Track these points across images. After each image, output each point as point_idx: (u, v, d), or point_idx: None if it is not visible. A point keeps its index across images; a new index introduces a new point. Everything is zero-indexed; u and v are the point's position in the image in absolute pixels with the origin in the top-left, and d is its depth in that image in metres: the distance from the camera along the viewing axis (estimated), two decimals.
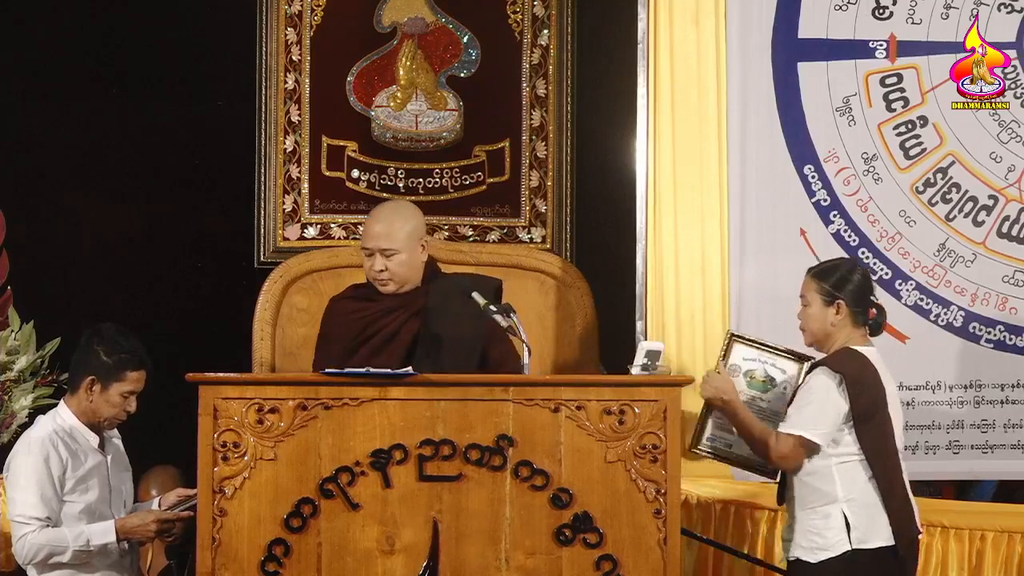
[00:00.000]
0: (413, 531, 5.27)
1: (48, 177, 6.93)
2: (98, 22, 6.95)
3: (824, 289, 5.44)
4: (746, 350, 5.65)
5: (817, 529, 5.36)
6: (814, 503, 5.38)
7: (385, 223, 5.78)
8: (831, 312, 5.43)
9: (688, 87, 6.40)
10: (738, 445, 5.59)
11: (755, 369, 5.64)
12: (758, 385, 5.61)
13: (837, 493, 5.36)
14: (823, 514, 5.36)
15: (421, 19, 7.09)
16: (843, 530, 5.34)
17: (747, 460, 5.62)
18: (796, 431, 5.36)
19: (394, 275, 5.76)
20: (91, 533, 5.39)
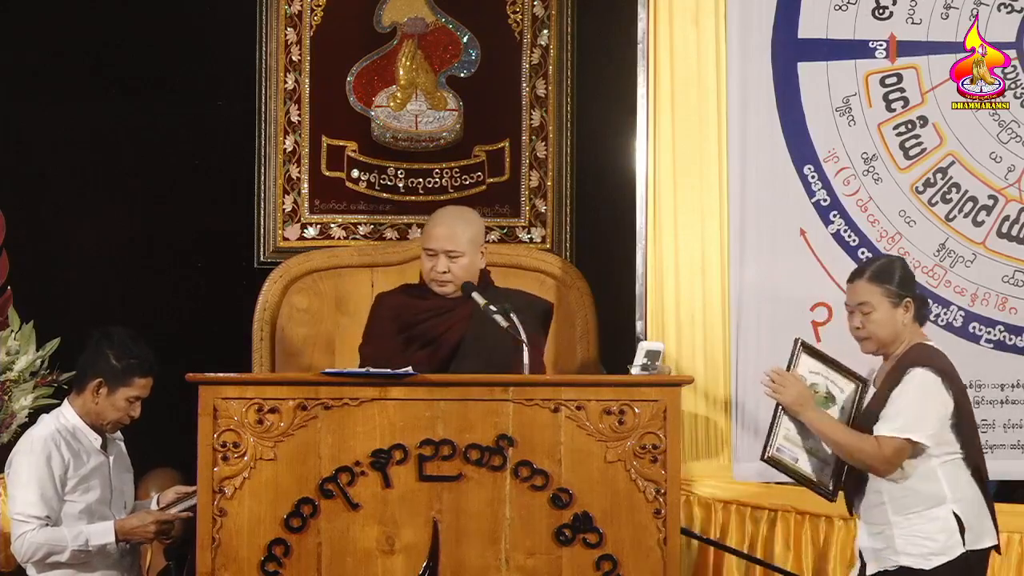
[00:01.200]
0: (413, 531, 5.27)
1: (48, 177, 6.93)
2: (98, 22, 6.95)
3: (890, 291, 5.30)
4: (812, 362, 5.43)
5: (927, 534, 5.20)
6: (918, 507, 5.21)
7: (451, 226, 5.80)
8: (900, 313, 5.31)
9: (688, 87, 6.40)
10: (804, 460, 5.37)
11: (818, 384, 5.41)
12: (820, 401, 5.37)
13: (945, 494, 5.22)
14: (930, 517, 5.21)
15: (421, 19, 7.09)
16: (956, 532, 5.20)
17: (809, 477, 5.38)
18: (903, 434, 5.17)
19: (456, 277, 5.78)
20: (90, 533, 5.40)
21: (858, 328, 5.32)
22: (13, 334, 6.61)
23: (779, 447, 5.34)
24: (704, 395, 6.30)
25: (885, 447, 5.17)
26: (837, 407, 5.36)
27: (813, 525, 6.26)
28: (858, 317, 5.32)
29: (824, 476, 5.35)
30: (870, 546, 5.30)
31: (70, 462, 5.43)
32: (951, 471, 5.23)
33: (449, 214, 5.95)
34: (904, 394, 5.20)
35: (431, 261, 5.80)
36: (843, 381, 5.39)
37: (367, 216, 7.03)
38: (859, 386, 5.38)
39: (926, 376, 5.20)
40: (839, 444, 5.26)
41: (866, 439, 5.21)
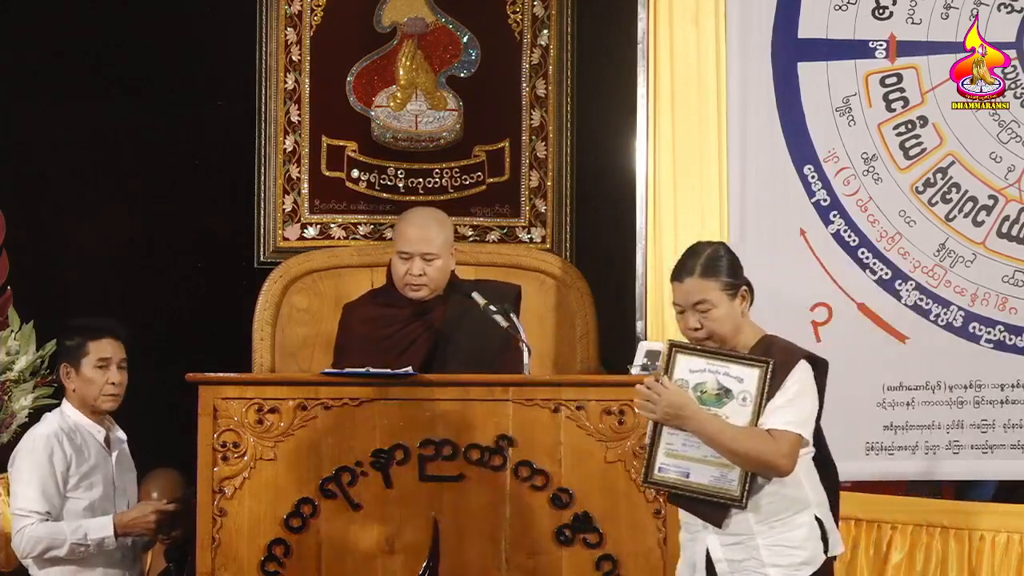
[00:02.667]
0: (413, 531, 5.27)
1: (48, 177, 6.93)
2: (98, 22, 6.95)
3: (725, 283, 4.80)
4: (693, 360, 4.76)
5: (794, 542, 4.70)
6: (783, 513, 4.71)
7: (425, 228, 5.80)
8: (737, 303, 4.81)
9: (688, 87, 6.40)
10: (696, 472, 4.70)
11: (706, 381, 4.74)
12: (711, 400, 4.72)
13: (808, 497, 4.74)
14: (795, 524, 4.71)
15: (421, 19, 7.09)
16: (819, 539, 4.73)
17: (708, 490, 4.70)
18: (796, 428, 4.68)
19: (431, 280, 5.78)
20: (89, 527, 5.40)
21: (696, 328, 4.77)
22: (13, 334, 6.62)
23: (661, 467, 4.72)
24: None
25: (782, 441, 4.65)
26: (736, 400, 4.72)
27: None
28: (694, 317, 4.77)
29: (727, 483, 4.68)
30: (726, 558, 4.72)
31: (72, 459, 5.44)
32: (809, 471, 4.78)
33: (422, 216, 5.94)
34: (792, 385, 4.70)
35: (406, 264, 5.79)
36: (739, 369, 4.73)
37: (367, 216, 7.03)
38: (764, 368, 4.71)
39: (808, 370, 4.75)
40: (729, 448, 4.64)
41: (758, 435, 4.65)
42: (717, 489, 4.68)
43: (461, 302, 5.75)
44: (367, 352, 5.72)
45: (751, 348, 4.78)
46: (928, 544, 6.21)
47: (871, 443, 6.37)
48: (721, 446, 4.65)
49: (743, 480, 4.66)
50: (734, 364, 4.74)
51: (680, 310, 4.81)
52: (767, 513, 4.70)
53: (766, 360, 4.71)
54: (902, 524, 6.23)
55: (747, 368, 4.73)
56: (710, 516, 4.71)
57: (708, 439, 4.66)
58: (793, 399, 4.70)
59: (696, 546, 4.76)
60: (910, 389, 6.39)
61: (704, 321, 4.77)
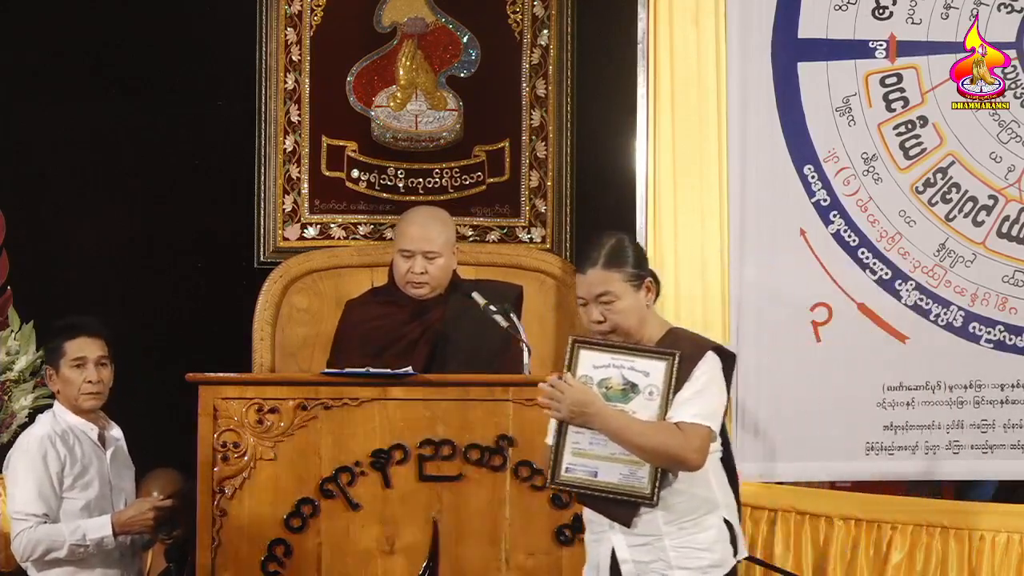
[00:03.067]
0: (413, 531, 5.27)
1: (48, 177, 6.93)
2: (98, 22, 6.95)
3: (630, 274, 4.63)
4: (596, 355, 4.61)
5: (703, 544, 4.56)
6: (692, 514, 4.57)
7: (427, 226, 5.80)
8: (642, 295, 4.64)
9: (688, 87, 6.40)
10: (605, 470, 4.55)
11: (610, 377, 4.58)
12: (617, 395, 4.56)
13: (716, 497, 4.60)
14: (704, 525, 4.57)
15: (421, 19, 7.09)
16: (728, 541, 4.59)
17: (618, 488, 4.54)
18: (705, 421, 4.51)
19: (432, 278, 5.78)
20: (87, 528, 5.40)
21: (599, 321, 4.61)
22: (13, 334, 6.62)
23: (568, 467, 4.58)
24: None
25: (691, 435, 4.49)
26: (643, 394, 4.57)
27: (813, 525, 6.26)
28: (597, 309, 4.60)
29: (636, 481, 4.53)
30: (632, 559, 4.57)
31: (66, 459, 5.43)
32: (717, 470, 4.63)
33: (424, 214, 5.95)
34: (700, 377, 4.54)
35: (407, 262, 5.79)
36: (645, 362, 4.57)
37: (367, 216, 7.03)
38: (671, 360, 4.55)
39: (717, 362, 4.60)
40: (636, 444, 4.49)
41: (666, 430, 4.49)
42: (627, 487, 4.53)
43: (462, 302, 5.76)
44: (366, 349, 5.73)
45: (657, 341, 4.63)
46: (928, 544, 6.21)
47: (871, 443, 6.37)
48: (628, 442, 4.50)
49: (653, 477, 4.52)
50: (639, 358, 4.58)
51: (583, 302, 4.65)
52: (676, 513, 4.55)
53: (672, 352, 4.56)
54: (902, 524, 6.23)
55: (653, 361, 4.58)
56: (619, 515, 4.56)
57: (615, 436, 4.51)
58: (701, 391, 4.54)
59: (601, 547, 4.61)
60: (910, 389, 6.39)
61: (608, 314, 4.60)
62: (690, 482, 4.54)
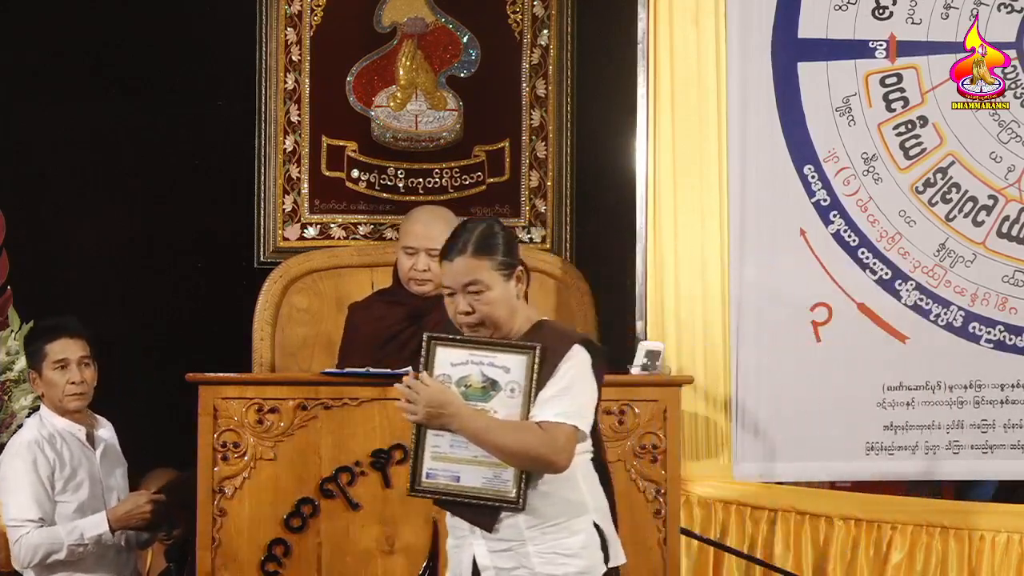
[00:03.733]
0: (413, 531, 5.27)
1: (48, 177, 6.93)
2: (98, 22, 6.95)
3: (500, 262, 4.35)
4: (454, 352, 4.36)
5: (570, 550, 4.29)
6: (559, 518, 4.29)
7: (431, 224, 5.80)
8: (513, 285, 4.37)
9: (688, 87, 6.40)
10: (467, 474, 4.32)
11: (470, 374, 4.33)
12: (477, 393, 4.32)
13: (586, 501, 4.33)
14: (572, 530, 4.29)
15: (421, 19, 7.09)
16: (599, 547, 4.32)
17: (481, 491, 4.31)
18: (571, 420, 4.25)
19: (436, 275, 5.77)
20: (84, 526, 5.39)
21: (468, 312, 4.34)
22: (13, 334, 6.62)
23: (429, 472, 4.34)
24: (704, 395, 6.30)
25: (556, 435, 4.22)
26: (504, 392, 4.31)
27: (813, 525, 6.26)
28: (465, 300, 4.33)
29: (501, 484, 4.30)
30: (494, 565, 4.32)
31: (56, 462, 5.42)
32: (588, 473, 4.37)
33: (428, 213, 5.96)
34: (566, 373, 4.28)
35: (411, 259, 5.80)
36: (505, 357, 4.32)
37: (367, 216, 7.03)
38: (532, 354, 4.30)
39: (585, 356, 4.33)
40: (497, 446, 4.24)
41: (529, 430, 4.24)
42: (491, 491, 4.29)
43: None
44: (371, 350, 5.73)
45: (525, 333, 4.36)
46: (928, 544, 6.21)
47: (871, 443, 6.37)
48: (489, 444, 4.24)
49: (518, 480, 4.28)
50: (499, 353, 4.33)
51: (450, 292, 4.37)
52: (541, 517, 4.29)
53: (533, 346, 4.30)
54: (902, 524, 6.23)
55: (513, 356, 4.32)
56: (479, 520, 4.32)
57: (474, 438, 4.26)
58: (567, 388, 4.27)
59: (462, 553, 4.38)
60: (910, 389, 6.39)
61: (476, 304, 4.33)
62: (557, 484, 4.28)
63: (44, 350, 5.48)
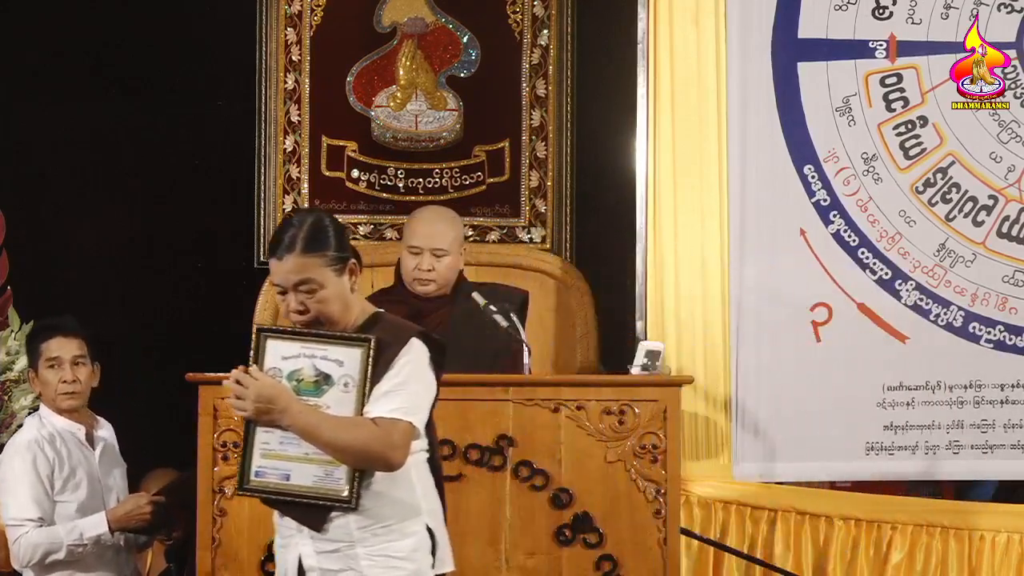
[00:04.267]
0: None
1: (48, 177, 6.93)
2: (98, 22, 6.95)
3: (332, 258, 4.20)
4: (285, 345, 4.21)
5: (401, 552, 4.14)
6: (390, 519, 4.15)
7: (435, 224, 5.80)
8: (346, 279, 4.23)
9: (688, 87, 6.40)
10: (298, 472, 4.17)
11: (301, 368, 4.19)
12: (310, 388, 4.17)
13: (419, 503, 4.18)
14: (404, 532, 4.15)
15: (421, 19, 7.09)
16: (429, 551, 4.17)
17: (312, 490, 4.16)
18: (407, 416, 4.10)
19: (439, 276, 5.78)
20: (83, 527, 5.39)
21: (300, 312, 4.21)
22: (13, 334, 6.62)
23: (258, 470, 4.19)
24: (704, 395, 6.30)
25: (391, 431, 4.08)
26: (338, 386, 4.17)
27: (813, 525, 6.26)
28: (296, 299, 4.20)
29: (333, 482, 4.15)
30: (319, 567, 4.17)
31: (55, 462, 5.42)
32: (423, 474, 4.21)
33: (433, 213, 5.96)
34: (402, 367, 4.13)
35: (415, 259, 5.80)
36: (339, 350, 4.17)
37: (367, 216, 7.04)
38: (366, 347, 4.15)
39: (423, 349, 4.17)
40: (329, 443, 4.09)
41: (362, 426, 4.09)
42: (323, 490, 4.14)
43: (467, 303, 5.76)
44: None
45: (360, 326, 4.22)
46: (928, 544, 6.21)
47: (871, 443, 6.37)
48: (320, 441, 4.09)
49: (351, 478, 4.13)
50: (332, 346, 4.17)
51: (281, 291, 4.23)
52: (372, 518, 4.14)
53: (367, 338, 4.15)
54: (902, 524, 6.23)
55: (347, 349, 4.16)
56: (307, 519, 4.16)
57: (305, 435, 4.10)
58: (403, 383, 4.13)
59: (288, 554, 4.24)
60: (910, 389, 6.39)
61: (310, 303, 4.18)
62: (391, 484, 4.13)
63: (39, 349, 5.48)
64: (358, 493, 4.12)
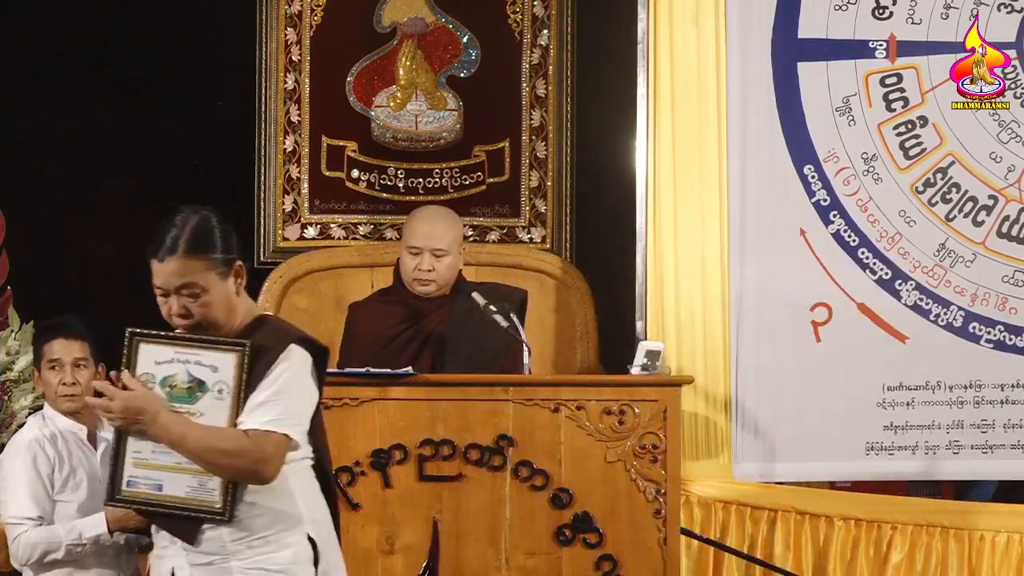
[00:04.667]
0: (413, 531, 5.27)
1: (48, 177, 6.93)
2: (98, 22, 6.95)
3: (216, 261, 4.07)
4: (157, 349, 4.06)
5: (278, 565, 4.00)
6: (267, 530, 4.01)
7: (435, 224, 5.81)
8: (231, 282, 4.08)
9: (688, 87, 6.40)
10: (171, 483, 4.03)
11: (175, 373, 4.04)
12: (183, 395, 4.02)
13: (300, 512, 4.04)
14: (282, 543, 4.01)
15: (421, 19, 7.09)
16: (311, 562, 4.03)
17: (184, 501, 4.02)
18: (282, 428, 3.96)
19: (439, 276, 5.78)
20: (83, 527, 5.38)
21: (183, 316, 4.05)
22: (13, 334, 6.61)
23: (130, 480, 4.05)
24: (704, 395, 6.30)
25: (263, 444, 3.94)
26: (212, 393, 4.02)
27: (813, 525, 6.26)
28: (179, 302, 4.04)
29: (206, 493, 4.02)
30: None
31: (56, 461, 5.41)
32: (306, 482, 4.09)
33: (433, 212, 5.97)
34: (279, 375, 3.98)
35: (415, 259, 5.80)
36: (213, 355, 4.01)
37: (367, 216, 7.03)
38: (241, 353, 4.01)
39: (304, 356, 4.03)
40: (198, 455, 3.96)
41: (233, 438, 3.95)
42: (196, 501, 4.00)
43: (466, 303, 5.76)
44: (371, 350, 5.73)
45: (243, 329, 4.07)
46: (928, 544, 6.21)
47: (871, 443, 6.37)
48: (189, 452, 3.96)
49: (225, 489, 4.00)
50: (206, 351, 4.02)
51: (162, 293, 4.06)
52: (247, 530, 3.99)
53: (242, 344, 4.00)
54: (902, 524, 6.23)
55: (221, 354, 4.01)
56: (180, 531, 4.03)
57: (174, 445, 3.97)
58: (280, 392, 3.98)
59: (163, 565, 4.11)
60: (910, 389, 6.39)
61: (192, 307, 4.02)
62: (267, 495, 3.99)
63: (42, 349, 5.47)
64: (232, 504, 3.99)
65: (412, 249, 5.81)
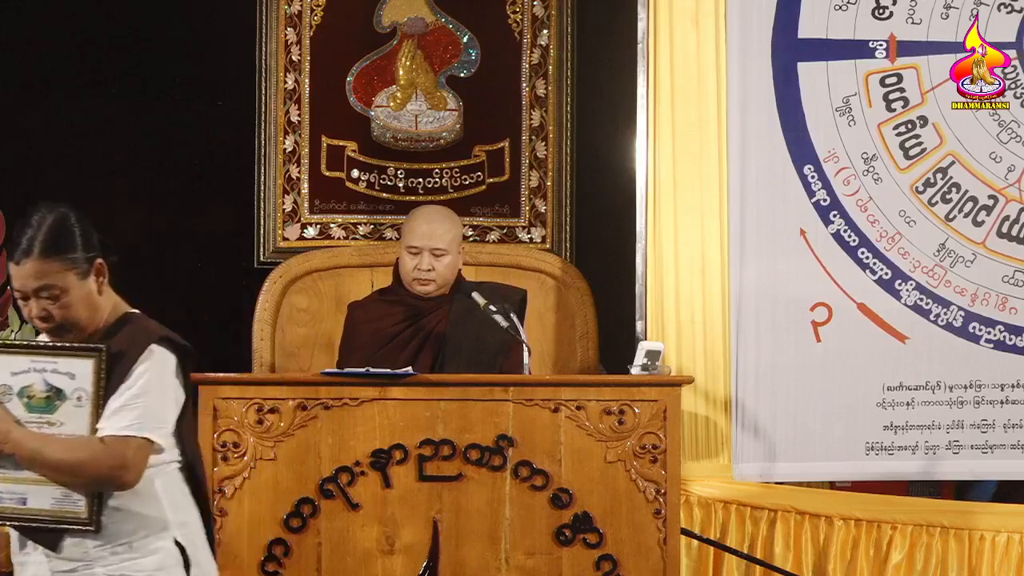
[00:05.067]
0: (413, 531, 5.27)
1: (48, 177, 6.93)
2: (98, 22, 6.95)
3: (75, 260, 3.97)
4: (12, 360, 3.92)
5: (143, 570, 3.91)
6: (130, 536, 3.91)
7: (435, 223, 5.81)
8: (92, 280, 3.98)
9: (688, 87, 6.40)
10: (35, 496, 3.90)
11: (32, 383, 3.91)
12: (41, 405, 3.90)
13: (166, 517, 3.94)
14: (147, 549, 3.92)
15: (421, 19, 7.09)
16: (180, 567, 3.95)
17: (51, 513, 3.90)
18: (142, 432, 3.85)
19: (439, 276, 5.78)
20: None
21: (44, 318, 3.94)
22: (13, 334, 6.61)
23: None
24: (704, 395, 6.30)
25: (121, 451, 3.83)
26: (71, 401, 3.90)
27: (813, 525, 6.26)
28: (39, 305, 3.94)
29: (72, 504, 3.90)
30: None
31: None
32: (170, 484, 3.97)
33: (432, 212, 5.97)
34: (139, 378, 3.88)
35: (415, 259, 5.80)
36: (70, 362, 3.89)
37: (367, 216, 7.04)
38: (98, 357, 3.88)
39: (166, 356, 3.91)
40: (53, 468, 3.84)
41: (87, 447, 3.84)
42: (62, 513, 3.88)
43: (466, 303, 5.76)
44: (371, 350, 5.73)
45: (107, 330, 3.98)
46: (928, 544, 6.21)
47: (871, 443, 6.37)
48: (45, 467, 3.84)
49: (91, 498, 3.90)
50: (62, 357, 3.90)
51: (22, 297, 3.95)
52: (111, 535, 3.90)
53: (98, 347, 3.89)
54: (902, 524, 6.23)
55: (78, 360, 3.90)
56: (40, 538, 3.93)
57: (29, 461, 3.85)
58: (139, 395, 3.87)
59: (25, 572, 4.00)
60: (910, 389, 6.39)
61: (53, 309, 3.91)
62: (131, 499, 3.89)
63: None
64: (98, 513, 3.90)
65: (411, 249, 5.81)
